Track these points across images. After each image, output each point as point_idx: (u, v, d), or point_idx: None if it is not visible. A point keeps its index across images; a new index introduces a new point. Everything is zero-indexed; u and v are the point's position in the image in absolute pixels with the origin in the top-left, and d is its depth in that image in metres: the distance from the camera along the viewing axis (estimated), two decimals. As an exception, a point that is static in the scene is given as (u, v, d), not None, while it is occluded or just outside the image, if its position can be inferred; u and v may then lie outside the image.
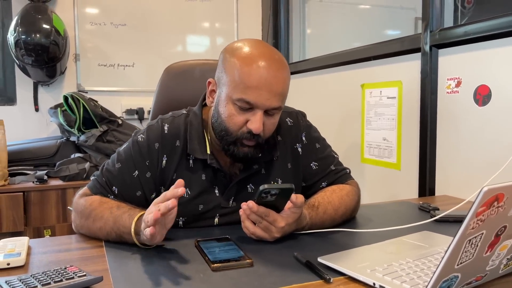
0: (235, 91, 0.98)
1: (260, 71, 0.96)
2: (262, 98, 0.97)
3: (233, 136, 1.01)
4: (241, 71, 0.97)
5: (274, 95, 0.98)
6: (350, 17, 2.68)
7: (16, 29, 2.39)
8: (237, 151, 1.02)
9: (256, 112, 0.98)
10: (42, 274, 0.74)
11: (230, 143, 1.02)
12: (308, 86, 2.53)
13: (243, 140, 1.01)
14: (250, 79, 0.96)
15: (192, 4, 3.00)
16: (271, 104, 0.98)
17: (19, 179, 2.20)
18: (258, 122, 0.98)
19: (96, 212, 0.99)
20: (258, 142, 1.02)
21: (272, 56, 1.00)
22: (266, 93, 0.97)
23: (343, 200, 1.11)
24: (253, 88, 0.96)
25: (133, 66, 2.89)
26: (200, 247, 0.91)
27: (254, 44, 1.02)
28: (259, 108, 0.98)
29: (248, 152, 1.03)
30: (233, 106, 0.99)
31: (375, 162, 1.97)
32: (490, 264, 0.69)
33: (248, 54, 0.99)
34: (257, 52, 1.00)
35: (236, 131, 1.01)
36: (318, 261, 0.82)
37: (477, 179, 1.48)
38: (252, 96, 0.96)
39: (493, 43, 1.43)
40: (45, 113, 2.70)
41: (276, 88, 0.98)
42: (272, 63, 0.98)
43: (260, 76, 0.96)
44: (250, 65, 0.97)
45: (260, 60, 0.97)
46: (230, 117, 1.00)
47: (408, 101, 1.78)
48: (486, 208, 0.58)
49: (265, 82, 0.96)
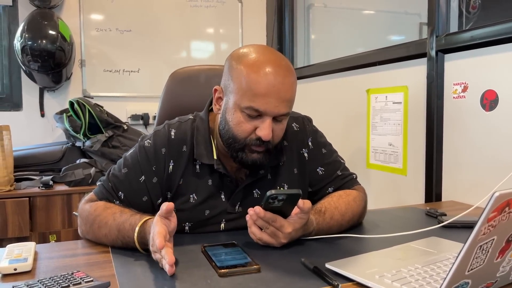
0: (243, 99, 0.98)
1: (267, 78, 0.96)
2: (271, 105, 0.96)
3: (241, 143, 1.01)
4: (248, 78, 0.97)
5: (282, 102, 0.97)
6: (355, 22, 2.68)
7: (23, 35, 2.41)
8: (246, 157, 1.02)
9: (265, 119, 0.98)
10: (49, 279, 0.74)
11: (238, 150, 1.02)
12: (313, 92, 2.53)
13: (251, 146, 1.01)
14: (258, 87, 0.96)
15: (197, 10, 3.01)
16: (280, 110, 0.98)
17: (24, 184, 2.21)
18: (267, 129, 0.98)
19: (100, 218, 0.99)
20: (268, 148, 1.02)
21: (279, 62, 0.99)
22: (274, 100, 0.96)
23: (350, 205, 1.10)
24: (261, 95, 0.96)
25: (138, 72, 2.90)
26: (207, 252, 0.91)
27: (259, 50, 1.02)
28: (267, 115, 0.98)
29: (257, 159, 1.02)
30: (241, 114, 0.99)
31: (381, 168, 1.97)
32: (500, 270, 0.69)
33: (254, 61, 0.99)
34: (263, 58, 0.99)
35: (244, 138, 1.00)
36: (325, 267, 0.82)
37: (484, 184, 1.47)
38: (261, 103, 0.96)
39: (500, 48, 1.42)
40: (50, 118, 2.71)
41: (284, 95, 0.97)
42: (279, 70, 0.97)
43: (268, 84, 0.96)
44: (257, 72, 0.97)
45: (267, 67, 0.97)
46: (238, 124, 1.00)
47: (414, 106, 1.77)
48: (497, 214, 0.58)
49: (273, 89, 0.96)
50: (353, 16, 2.71)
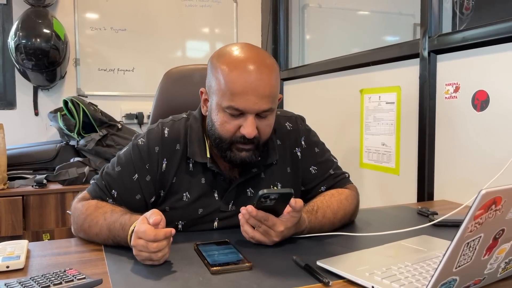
0: (223, 99, 0.98)
1: (244, 76, 0.96)
2: (250, 102, 0.97)
3: (228, 142, 1.02)
4: (226, 78, 0.98)
5: (262, 98, 0.98)
6: (349, 23, 2.69)
7: (17, 34, 2.40)
8: (234, 156, 1.03)
9: (247, 117, 0.99)
10: (42, 277, 0.75)
11: (225, 149, 1.03)
12: (307, 91, 2.54)
13: (238, 145, 1.01)
14: (235, 86, 0.96)
15: (192, 10, 3.01)
16: (260, 107, 0.98)
17: (18, 183, 2.20)
18: (251, 127, 0.98)
19: (91, 217, 0.99)
20: (256, 145, 1.03)
21: (257, 59, 0.99)
22: (253, 98, 0.97)
23: (342, 204, 1.11)
24: (239, 94, 0.96)
25: (133, 71, 2.89)
26: (199, 250, 0.91)
27: (238, 48, 1.02)
28: (249, 113, 0.98)
29: (246, 157, 1.03)
30: (224, 114, 1.00)
31: (374, 167, 1.98)
32: (488, 267, 0.70)
33: (231, 60, 0.99)
34: (241, 56, 1.00)
35: (230, 137, 1.01)
36: (317, 264, 0.83)
37: (475, 183, 1.49)
38: (240, 102, 0.97)
39: (491, 48, 1.44)
40: (44, 117, 2.70)
41: (263, 91, 0.97)
42: (256, 66, 0.98)
43: (245, 81, 0.96)
44: (233, 71, 0.97)
45: (244, 65, 0.97)
46: (222, 124, 1.01)
47: (407, 106, 1.78)
48: (484, 211, 0.59)
49: (250, 87, 0.96)
50: (348, 17, 2.72)
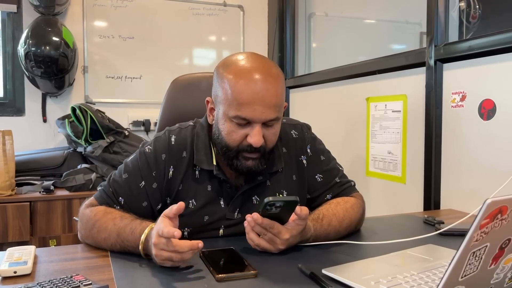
0: (230, 109, 0.99)
1: (251, 86, 0.97)
2: (257, 112, 0.98)
3: (234, 151, 1.02)
4: (233, 88, 0.98)
5: (268, 108, 0.98)
6: (355, 31, 2.70)
7: (27, 41, 2.43)
8: (241, 165, 1.03)
9: (254, 126, 0.99)
10: (49, 282, 0.75)
11: (232, 157, 1.03)
12: (313, 100, 2.55)
13: (244, 153, 1.02)
14: (242, 96, 0.97)
15: (199, 18, 3.04)
16: (267, 116, 0.99)
17: (26, 189, 2.22)
18: (257, 136, 0.99)
19: (100, 223, 1.00)
20: (262, 153, 1.03)
21: (263, 69, 1.00)
22: (260, 107, 0.97)
23: (348, 212, 1.11)
24: (246, 104, 0.97)
25: (140, 79, 2.92)
26: (205, 257, 0.92)
27: (244, 58, 1.03)
28: (256, 122, 0.99)
29: (252, 166, 1.03)
30: (230, 123, 1.01)
31: (380, 176, 1.97)
32: (494, 277, 0.69)
33: (238, 70, 1.00)
34: (247, 66, 1.01)
35: (236, 146, 1.02)
36: (322, 272, 0.83)
37: (482, 193, 1.48)
38: (247, 112, 0.98)
39: (498, 58, 1.43)
40: (53, 124, 2.73)
41: (269, 101, 0.98)
42: (263, 76, 0.98)
43: (251, 92, 0.97)
44: (240, 81, 0.98)
45: (250, 75, 0.98)
46: (229, 134, 1.02)
47: (413, 114, 1.78)
48: (489, 221, 0.59)
49: (257, 97, 0.97)
50: (354, 25, 2.73)
